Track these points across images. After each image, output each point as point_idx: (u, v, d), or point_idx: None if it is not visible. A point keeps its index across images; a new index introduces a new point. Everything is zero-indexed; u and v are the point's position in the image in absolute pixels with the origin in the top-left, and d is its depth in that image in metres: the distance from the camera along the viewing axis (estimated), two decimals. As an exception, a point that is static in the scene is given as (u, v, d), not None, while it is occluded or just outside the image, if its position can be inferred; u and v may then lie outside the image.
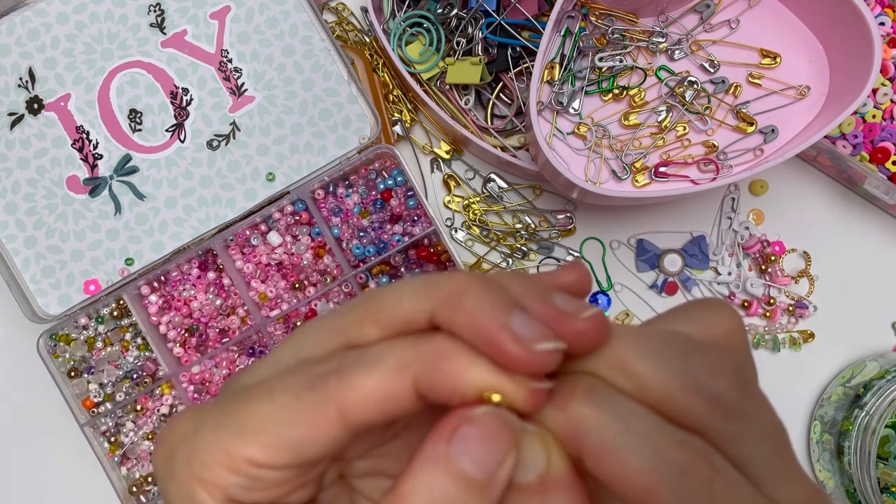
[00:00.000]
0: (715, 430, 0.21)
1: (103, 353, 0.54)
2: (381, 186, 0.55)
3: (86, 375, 0.54)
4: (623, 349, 0.21)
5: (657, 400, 0.21)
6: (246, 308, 0.55)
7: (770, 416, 0.22)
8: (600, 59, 0.53)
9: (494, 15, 0.55)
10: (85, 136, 0.53)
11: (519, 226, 0.58)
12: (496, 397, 0.20)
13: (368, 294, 0.23)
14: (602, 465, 0.20)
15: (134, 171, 0.54)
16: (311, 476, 0.24)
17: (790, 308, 0.58)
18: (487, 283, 0.21)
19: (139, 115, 0.54)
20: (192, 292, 0.55)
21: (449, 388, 0.20)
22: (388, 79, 0.58)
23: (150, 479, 0.54)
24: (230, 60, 0.54)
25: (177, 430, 0.24)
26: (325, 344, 0.23)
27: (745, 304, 0.57)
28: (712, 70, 0.53)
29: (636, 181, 0.52)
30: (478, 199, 0.59)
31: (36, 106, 0.53)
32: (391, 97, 0.59)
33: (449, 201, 0.59)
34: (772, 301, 0.57)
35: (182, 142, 0.54)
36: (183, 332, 0.55)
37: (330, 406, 0.21)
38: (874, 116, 0.55)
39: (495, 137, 0.57)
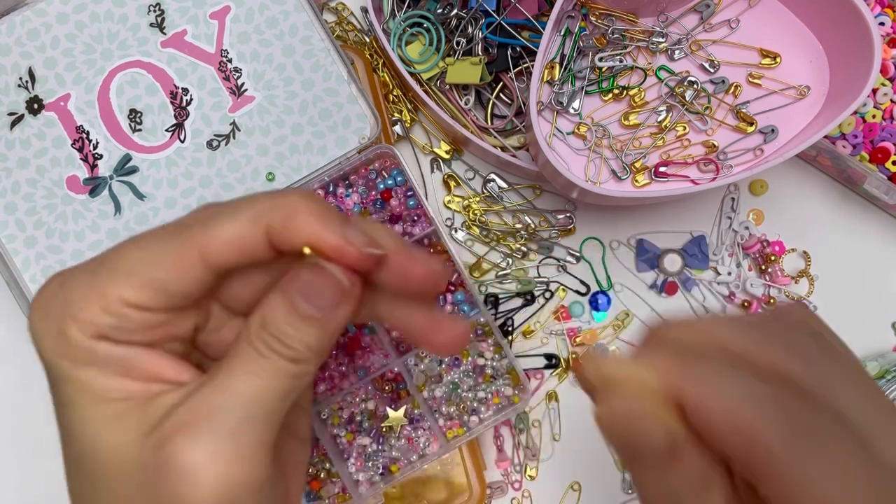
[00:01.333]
0: (801, 375, 0.22)
1: (103, 353, 0.54)
2: (381, 186, 0.55)
3: (86, 375, 0.54)
4: (708, 322, 0.24)
5: (741, 356, 0.23)
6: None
7: (853, 361, 0.24)
8: (600, 59, 0.53)
9: (494, 15, 0.55)
10: (85, 135, 0.53)
11: (519, 226, 0.58)
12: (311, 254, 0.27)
13: (230, 208, 0.27)
14: (704, 412, 0.21)
15: (134, 171, 0.54)
16: (181, 324, 0.27)
17: (790, 308, 0.58)
18: (314, 200, 0.27)
19: (139, 115, 0.54)
20: (192, 292, 0.55)
21: (293, 239, 0.26)
22: (388, 79, 0.58)
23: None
24: (230, 60, 0.54)
25: (50, 286, 0.26)
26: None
27: (745, 304, 0.57)
28: (712, 70, 0.53)
29: (636, 181, 0.52)
30: (478, 199, 0.59)
31: (36, 106, 0.53)
32: (391, 97, 0.59)
33: (449, 201, 0.59)
34: (772, 301, 0.57)
35: (182, 142, 0.54)
36: (183, 332, 0.55)
37: (193, 249, 0.26)
38: (874, 116, 0.55)
39: (495, 137, 0.57)
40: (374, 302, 0.30)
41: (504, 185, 0.59)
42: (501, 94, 0.58)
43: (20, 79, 0.53)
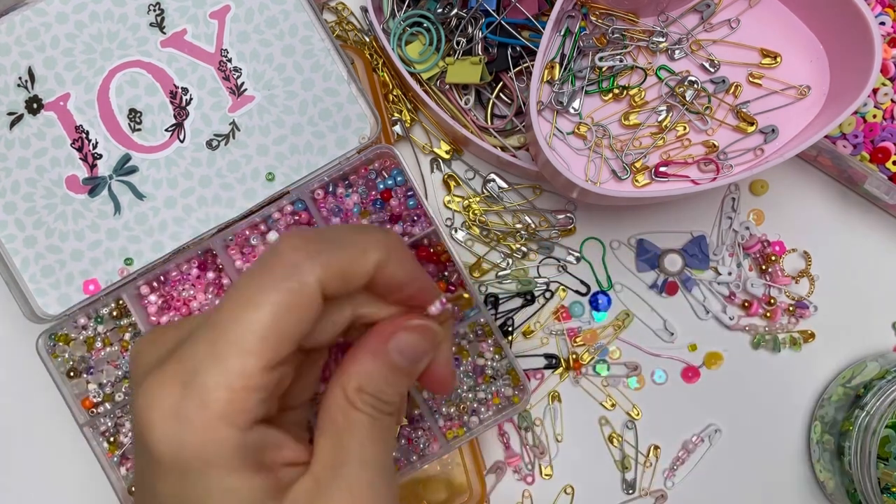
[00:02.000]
0: None
1: (103, 353, 0.54)
2: (381, 186, 0.55)
3: (85, 375, 0.54)
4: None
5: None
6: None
7: None
8: (600, 59, 0.53)
9: (494, 15, 0.55)
10: (84, 135, 0.53)
11: (519, 226, 0.58)
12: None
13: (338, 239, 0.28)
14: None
15: (133, 170, 0.54)
16: (284, 383, 0.27)
17: (790, 308, 0.57)
18: (403, 245, 0.30)
19: (139, 114, 0.54)
20: (192, 292, 0.55)
21: (393, 278, 0.29)
22: (388, 79, 0.58)
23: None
24: (230, 60, 0.54)
25: (169, 377, 0.25)
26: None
27: (746, 304, 0.57)
28: (712, 70, 0.53)
29: (636, 181, 0.52)
30: (478, 199, 0.59)
31: (35, 105, 0.53)
32: (391, 97, 0.59)
33: (449, 201, 0.59)
34: (772, 301, 0.57)
35: (182, 141, 0.54)
36: (182, 332, 0.54)
37: (311, 285, 0.26)
38: (874, 116, 0.55)
39: (495, 137, 0.57)
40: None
41: (504, 185, 0.59)
42: (501, 94, 0.57)
43: (20, 78, 0.53)
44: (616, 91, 0.53)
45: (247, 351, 0.24)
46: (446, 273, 0.54)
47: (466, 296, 0.33)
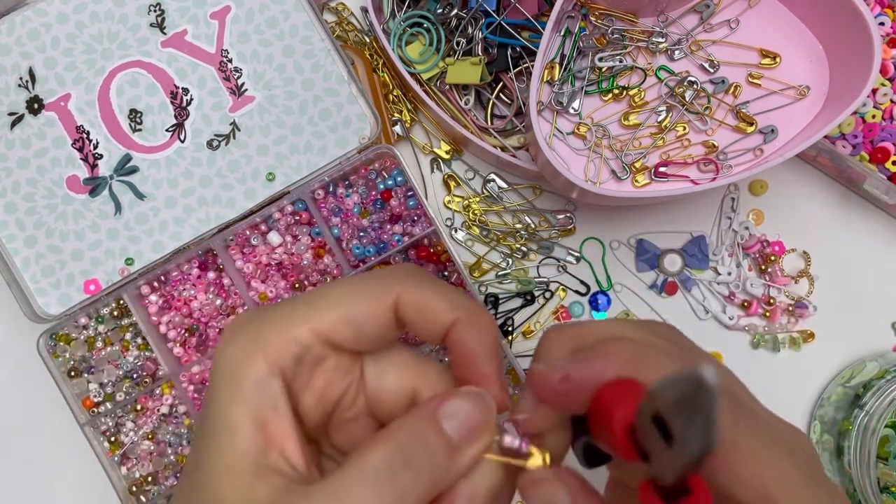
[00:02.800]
0: None
1: (103, 353, 0.54)
2: (381, 186, 0.55)
3: (86, 375, 0.54)
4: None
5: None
6: (246, 308, 0.55)
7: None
8: (600, 59, 0.53)
9: (494, 15, 0.55)
10: (85, 135, 0.53)
11: (519, 226, 0.58)
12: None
13: (417, 275, 0.29)
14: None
15: (134, 170, 0.54)
16: (351, 373, 0.28)
17: (790, 308, 0.58)
18: (489, 323, 0.29)
19: (139, 114, 0.54)
20: (193, 292, 0.55)
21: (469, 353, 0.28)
22: (388, 79, 0.58)
23: (150, 479, 0.54)
24: (230, 60, 0.54)
25: (253, 310, 0.28)
26: (372, 307, 0.28)
27: (745, 304, 0.57)
28: (712, 70, 0.53)
29: (636, 181, 0.52)
30: (478, 199, 0.59)
31: (36, 106, 0.53)
32: (391, 97, 0.59)
33: (449, 201, 0.59)
34: (772, 301, 0.57)
35: (182, 142, 0.54)
36: (183, 332, 0.55)
37: (392, 295, 0.27)
38: (874, 116, 0.55)
39: (495, 137, 0.57)
40: None
41: (504, 185, 0.59)
42: (501, 94, 0.58)
43: (20, 79, 0.53)
44: (616, 91, 0.53)
45: (315, 312, 0.26)
46: (446, 273, 0.54)
47: (537, 454, 0.27)
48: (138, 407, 0.54)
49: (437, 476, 0.25)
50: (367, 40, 0.60)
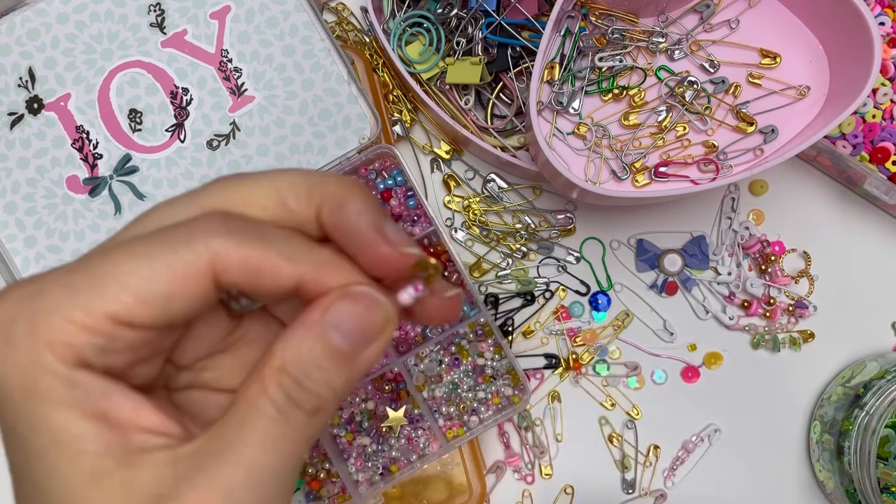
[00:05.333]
0: None
1: (103, 353, 0.54)
2: (381, 186, 0.55)
3: (86, 375, 0.54)
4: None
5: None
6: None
7: None
8: (600, 59, 0.53)
9: (494, 15, 0.55)
10: (85, 135, 0.53)
11: (519, 226, 0.58)
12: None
13: (257, 175, 0.23)
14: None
15: (134, 170, 0.54)
16: (164, 344, 0.23)
17: (790, 308, 0.58)
18: (366, 191, 0.23)
19: (139, 114, 0.54)
20: (192, 292, 0.55)
21: (323, 289, 0.22)
22: (388, 79, 0.58)
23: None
24: (230, 60, 0.54)
25: (13, 294, 0.21)
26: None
27: (745, 303, 0.57)
28: (712, 70, 0.53)
29: (636, 181, 0.52)
30: (478, 199, 0.59)
31: (36, 106, 0.53)
32: (391, 97, 0.59)
33: (449, 201, 0.59)
34: (772, 301, 0.57)
35: (182, 142, 0.54)
36: (183, 331, 0.54)
37: (203, 259, 0.21)
38: (874, 116, 0.55)
39: (495, 137, 0.57)
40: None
41: (504, 185, 0.59)
42: (501, 94, 0.58)
43: (20, 79, 0.53)
44: (616, 91, 0.53)
45: (102, 295, 0.21)
46: (446, 273, 0.54)
47: (433, 261, 0.24)
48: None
49: (339, 393, 0.22)
50: (367, 40, 0.60)
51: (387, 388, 0.53)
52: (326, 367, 0.22)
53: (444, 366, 0.53)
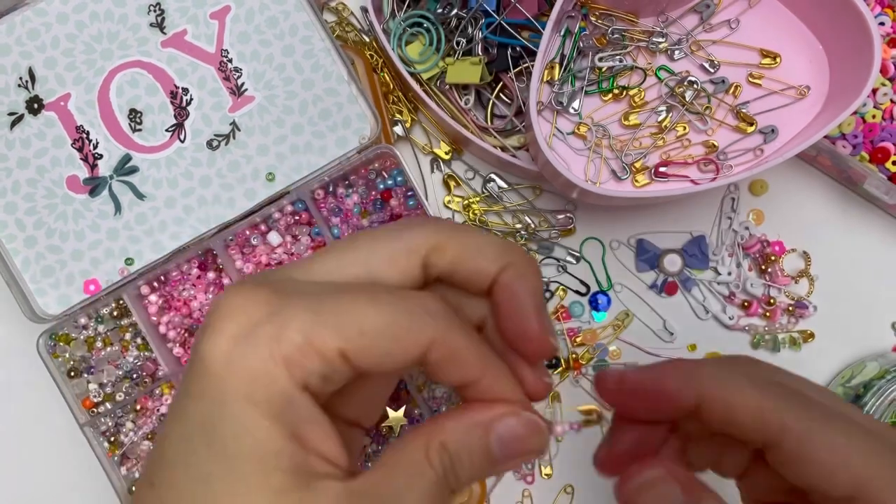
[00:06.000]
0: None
1: (103, 353, 0.54)
2: (381, 186, 0.55)
3: (86, 375, 0.54)
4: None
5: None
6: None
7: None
8: (600, 59, 0.53)
9: (494, 15, 0.55)
10: (85, 135, 0.53)
11: (519, 226, 0.58)
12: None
13: (452, 227, 0.26)
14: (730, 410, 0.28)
15: (134, 170, 0.54)
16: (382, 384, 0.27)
17: (790, 308, 0.58)
18: (540, 273, 0.27)
19: (139, 114, 0.54)
20: (192, 292, 0.55)
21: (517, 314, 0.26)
22: (388, 79, 0.58)
23: (149, 479, 0.54)
24: (230, 60, 0.54)
25: (258, 297, 0.23)
26: (399, 266, 0.25)
27: (745, 304, 0.57)
28: (712, 70, 0.53)
29: (636, 181, 0.52)
30: (478, 199, 0.59)
31: (36, 106, 0.53)
32: (391, 97, 0.59)
33: (449, 201, 0.59)
34: (772, 301, 0.57)
35: (182, 142, 0.54)
36: (183, 332, 0.54)
37: (426, 336, 0.24)
38: (874, 116, 0.55)
39: (495, 137, 0.57)
40: None
41: (504, 185, 0.59)
42: (501, 94, 0.58)
43: (20, 79, 0.53)
44: (616, 91, 0.53)
45: (342, 337, 0.23)
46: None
47: (598, 410, 0.29)
48: (138, 407, 0.54)
49: (469, 483, 0.26)
50: (367, 40, 0.60)
51: (387, 388, 0.53)
52: (477, 463, 0.25)
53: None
